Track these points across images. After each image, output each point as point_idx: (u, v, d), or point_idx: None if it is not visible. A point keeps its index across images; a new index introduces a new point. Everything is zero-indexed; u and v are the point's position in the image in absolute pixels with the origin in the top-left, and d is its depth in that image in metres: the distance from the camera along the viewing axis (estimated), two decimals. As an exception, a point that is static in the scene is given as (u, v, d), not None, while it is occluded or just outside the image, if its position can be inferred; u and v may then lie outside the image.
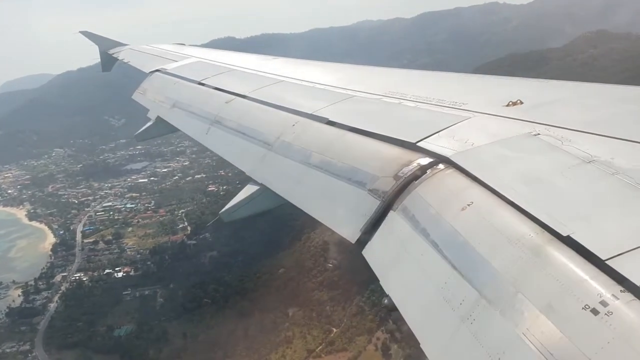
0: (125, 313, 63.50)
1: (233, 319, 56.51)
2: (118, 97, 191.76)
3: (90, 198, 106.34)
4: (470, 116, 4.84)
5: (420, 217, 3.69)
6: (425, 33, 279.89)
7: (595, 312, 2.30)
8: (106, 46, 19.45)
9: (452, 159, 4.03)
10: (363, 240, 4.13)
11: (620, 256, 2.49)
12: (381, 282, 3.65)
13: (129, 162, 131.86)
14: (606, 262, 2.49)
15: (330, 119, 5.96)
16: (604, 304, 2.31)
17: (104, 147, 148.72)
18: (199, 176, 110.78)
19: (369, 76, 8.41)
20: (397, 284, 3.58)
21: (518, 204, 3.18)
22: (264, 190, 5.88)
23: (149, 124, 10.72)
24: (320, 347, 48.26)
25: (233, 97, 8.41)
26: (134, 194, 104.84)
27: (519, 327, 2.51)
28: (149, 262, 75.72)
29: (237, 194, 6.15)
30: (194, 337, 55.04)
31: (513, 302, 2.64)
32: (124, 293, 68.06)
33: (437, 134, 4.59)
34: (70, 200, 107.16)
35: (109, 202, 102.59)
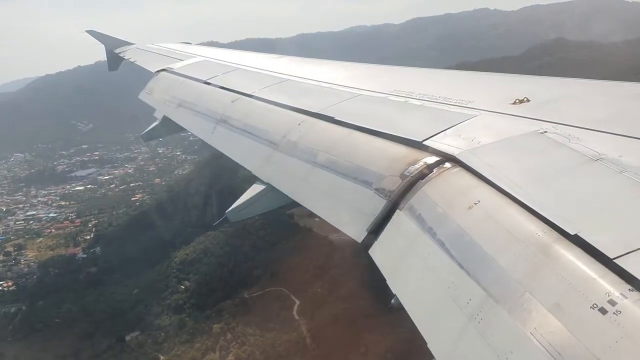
0: (-21, 332, 58.66)
1: (72, 342, 54.98)
2: (89, 102, 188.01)
3: (20, 206, 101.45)
4: (476, 114, 4.82)
5: (427, 216, 3.68)
6: (411, 39, 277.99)
7: (603, 311, 2.29)
8: (112, 45, 19.48)
9: (458, 157, 4.01)
10: (369, 240, 4.12)
11: (629, 255, 2.47)
12: (388, 282, 3.64)
13: (79, 169, 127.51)
14: (614, 260, 2.47)
15: (336, 118, 5.94)
16: (612, 302, 2.29)
17: (63, 152, 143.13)
18: (134, 184, 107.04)
19: (375, 75, 8.38)
20: (403, 284, 3.57)
21: (525, 202, 3.16)
22: (270, 190, 5.88)
23: (155, 123, 10.75)
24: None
25: (239, 96, 8.41)
26: (63, 203, 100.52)
27: (527, 327, 2.50)
28: (33, 277, 71.77)
29: (157, 204, 6.12)
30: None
31: (521, 301, 2.63)
32: (-12, 310, 63.18)
33: (443, 132, 4.57)
34: (0, 207, 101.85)
35: (34, 210, 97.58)
